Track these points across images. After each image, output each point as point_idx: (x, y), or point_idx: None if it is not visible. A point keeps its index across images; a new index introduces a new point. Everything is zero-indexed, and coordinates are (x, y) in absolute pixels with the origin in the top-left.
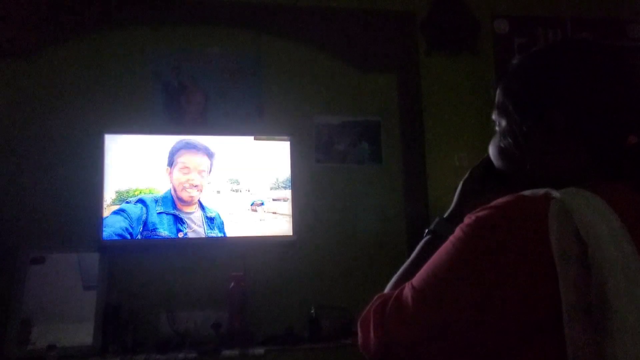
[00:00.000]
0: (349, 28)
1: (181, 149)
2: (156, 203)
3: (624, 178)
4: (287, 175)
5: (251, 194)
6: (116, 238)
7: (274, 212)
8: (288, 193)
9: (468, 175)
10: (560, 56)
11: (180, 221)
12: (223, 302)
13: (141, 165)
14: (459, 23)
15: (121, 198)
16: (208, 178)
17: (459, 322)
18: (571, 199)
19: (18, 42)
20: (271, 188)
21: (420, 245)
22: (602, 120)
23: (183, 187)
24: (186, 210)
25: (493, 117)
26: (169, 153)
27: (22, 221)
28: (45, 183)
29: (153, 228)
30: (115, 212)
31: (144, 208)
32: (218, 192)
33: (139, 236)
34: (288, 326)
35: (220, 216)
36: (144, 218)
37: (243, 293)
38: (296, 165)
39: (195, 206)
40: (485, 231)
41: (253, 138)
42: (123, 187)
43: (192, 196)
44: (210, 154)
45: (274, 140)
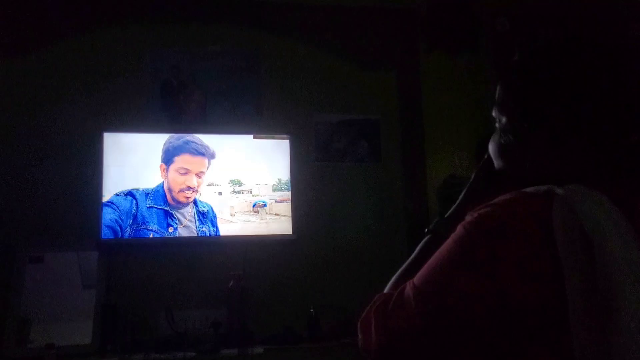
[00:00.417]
0: (349, 25)
1: (184, 152)
2: (146, 197)
3: (625, 175)
4: (289, 176)
5: (253, 196)
6: (106, 230)
7: (276, 214)
8: (288, 193)
9: (473, 178)
10: (561, 53)
11: (170, 216)
12: (222, 301)
13: (140, 164)
14: (460, 21)
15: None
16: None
17: (462, 318)
18: (575, 196)
19: (17, 41)
20: (274, 190)
21: (420, 244)
22: (604, 117)
23: (180, 190)
24: (178, 205)
25: (493, 114)
26: (166, 150)
27: (21, 220)
28: (43, 182)
29: (143, 222)
30: (104, 204)
31: (134, 201)
32: (220, 194)
33: (129, 229)
34: (287, 325)
35: (213, 210)
36: (134, 211)
37: (242, 292)
38: (296, 163)
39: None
40: (488, 228)
41: (252, 136)
42: (122, 186)
43: (188, 197)
44: (211, 156)
45: (274, 138)
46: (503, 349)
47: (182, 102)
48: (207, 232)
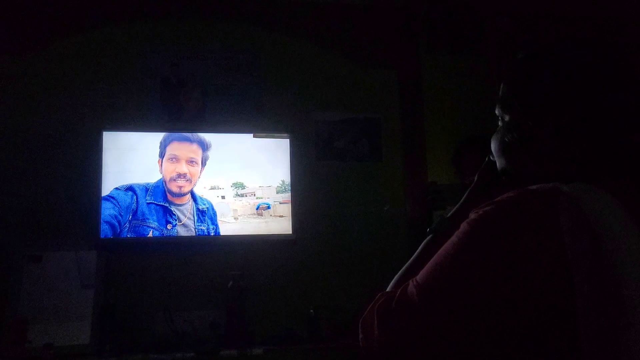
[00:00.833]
0: (349, 24)
1: (173, 141)
2: (146, 192)
3: (628, 172)
4: (290, 176)
5: (257, 198)
6: (104, 227)
7: (281, 216)
8: (288, 192)
9: (476, 179)
10: (565, 51)
11: (169, 213)
12: (221, 301)
13: (139, 163)
14: (461, 19)
15: None
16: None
17: (467, 316)
18: (582, 193)
19: (15, 40)
20: (278, 192)
21: (422, 244)
22: (607, 114)
23: (171, 178)
24: (177, 202)
25: (496, 112)
26: (160, 145)
27: (19, 219)
28: (42, 181)
29: (143, 218)
30: (104, 198)
31: (134, 196)
32: (223, 198)
33: (127, 225)
34: (287, 326)
35: (213, 208)
36: (134, 207)
37: (242, 292)
38: (295, 162)
39: (187, 197)
40: (492, 225)
41: (252, 135)
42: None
43: (181, 186)
44: (203, 145)
45: (274, 137)
46: (508, 346)
47: (182, 101)
48: (206, 230)
